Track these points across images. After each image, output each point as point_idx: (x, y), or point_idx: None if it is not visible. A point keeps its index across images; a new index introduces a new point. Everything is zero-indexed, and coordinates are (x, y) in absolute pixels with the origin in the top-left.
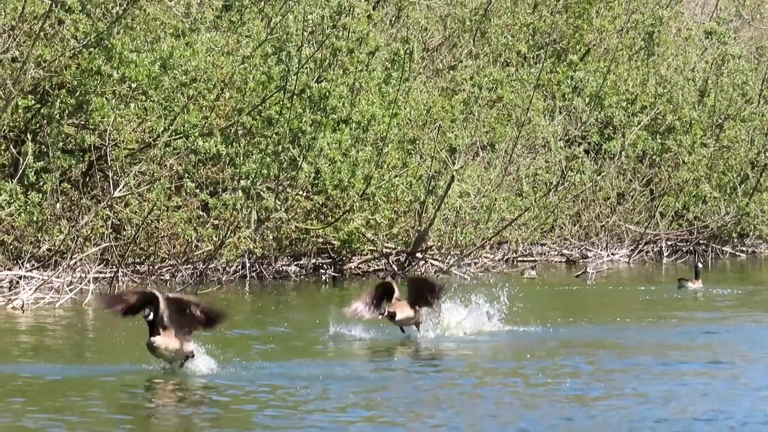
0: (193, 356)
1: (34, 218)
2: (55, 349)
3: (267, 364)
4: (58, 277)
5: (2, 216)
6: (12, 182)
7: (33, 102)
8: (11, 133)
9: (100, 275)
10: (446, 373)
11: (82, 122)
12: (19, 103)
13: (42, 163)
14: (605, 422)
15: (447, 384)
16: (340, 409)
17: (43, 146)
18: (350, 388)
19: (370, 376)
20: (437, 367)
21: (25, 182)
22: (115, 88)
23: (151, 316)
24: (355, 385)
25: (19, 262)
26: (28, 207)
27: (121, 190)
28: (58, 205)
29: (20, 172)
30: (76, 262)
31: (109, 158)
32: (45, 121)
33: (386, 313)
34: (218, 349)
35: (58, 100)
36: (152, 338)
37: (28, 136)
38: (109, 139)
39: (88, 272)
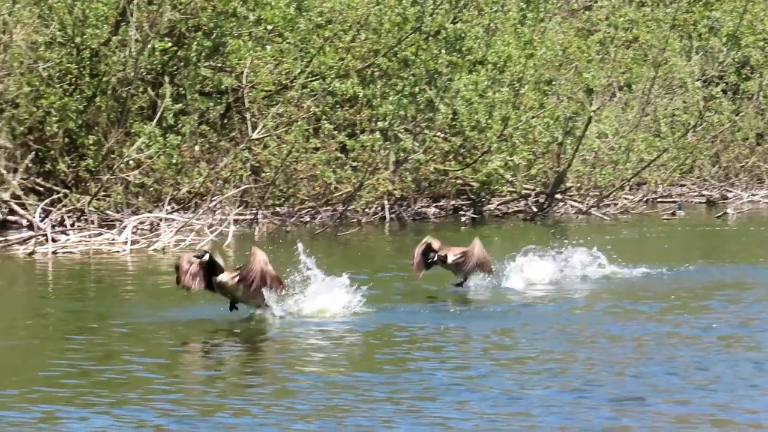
0: (266, 308)
1: (173, 161)
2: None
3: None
4: (198, 220)
5: (142, 158)
6: (151, 125)
7: (170, 44)
8: (149, 76)
9: (240, 217)
10: (590, 313)
11: (219, 64)
12: (156, 46)
13: (180, 105)
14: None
15: (593, 323)
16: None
17: (180, 89)
18: (503, 324)
19: (515, 315)
20: (580, 309)
21: (164, 125)
22: (251, 30)
23: (206, 257)
24: (510, 322)
25: (160, 204)
26: (167, 149)
27: (259, 132)
28: (196, 148)
29: (158, 114)
30: (215, 205)
31: (246, 100)
32: (182, 63)
33: (436, 258)
34: (365, 290)
35: (195, 43)
36: (217, 277)
37: (166, 78)
38: (246, 81)
39: (228, 214)
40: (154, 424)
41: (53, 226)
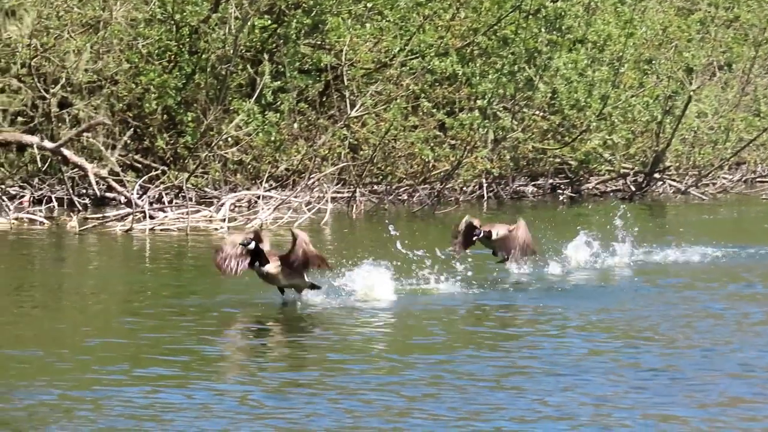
0: (316, 287)
1: (272, 138)
2: None
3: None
4: (296, 197)
5: (240, 136)
6: (250, 102)
7: (269, 22)
8: (248, 53)
9: (338, 195)
10: (690, 291)
11: (318, 42)
12: (256, 24)
13: (279, 82)
14: None
15: (692, 302)
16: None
17: (279, 66)
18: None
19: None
20: (678, 289)
21: (263, 102)
22: (350, 8)
23: (252, 245)
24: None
25: (258, 182)
26: (265, 126)
27: (357, 109)
28: (295, 125)
29: (257, 91)
30: (313, 182)
31: (345, 78)
32: (281, 41)
33: (482, 234)
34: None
35: (294, 20)
36: (262, 267)
37: (265, 56)
38: (345, 59)
39: (326, 192)
40: (256, 399)
41: (151, 203)
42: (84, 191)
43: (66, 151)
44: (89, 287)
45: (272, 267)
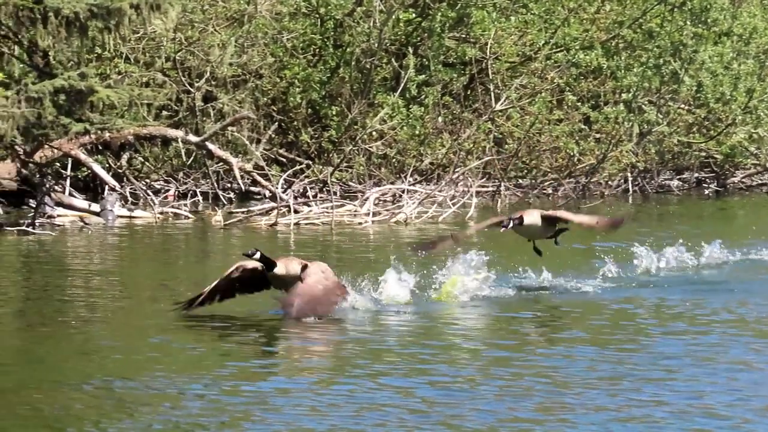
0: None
1: (416, 132)
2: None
3: None
4: (440, 191)
5: (385, 130)
6: (394, 95)
7: (414, 15)
8: (393, 47)
9: (483, 189)
10: None
11: (463, 35)
12: (401, 17)
13: (423, 76)
14: None
15: None
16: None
17: (424, 60)
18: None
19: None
20: None
21: (407, 96)
22: (495, 1)
23: (257, 255)
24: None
25: (402, 176)
26: (410, 120)
27: (502, 103)
28: (439, 119)
29: (402, 85)
30: (458, 176)
31: (489, 71)
32: (426, 34)
33: (512, 224)
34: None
35: (439, 14)
36: (270, 272)
37: (410, 49)
38: (489, 53)
39: (471, 186)
40: (420, 396)
41: (295, 198)
42: (228, 185)
43: (211, 146)
44: None
45: (282, 268)
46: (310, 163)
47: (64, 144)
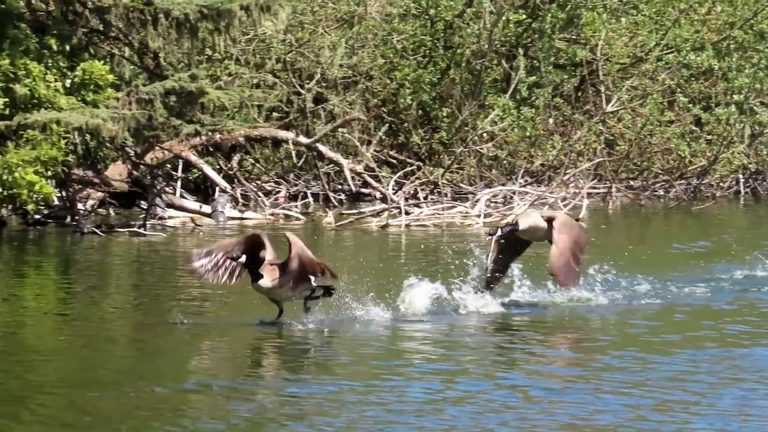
0: (319, 292)
1: (527, 133)
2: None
3: None
4: (551, 193)
5: (495, 131)
6: (504, 97)
7: (524, 16)
8: (503, 48)
9: (594, 191)
10: None
11: (573, 36)
12: (510, 18)
13: (534, 77)
14: None
15: None
16: None
17: (534, 61)
18: None
19: None
20: None
21: (517, 97)
22: (605, 2)
23: (243, 258)
24: None
25: (513, 177)
26: (520, 122)
27: (613, 104)
28: (550, 120)
29: (512, 86)
30: (569, 178)
31: (600, 73)
32: (536, 35)
33: (505, 230)
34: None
35: (549, 15)
36: (257, 282)
37: (520, 50)
38: (600, 54)
39: (582, 187)
40: (536, 394)
41: (406, 199)
42: (339, 187)
43: (321, 147)
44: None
45: (267, 281)
46: (421, 164)
47: (174, 145)
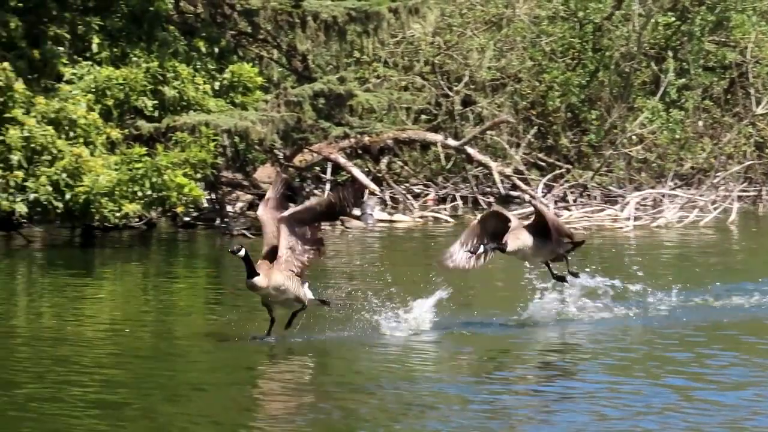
0: (305, 305)
1: (676, 136)
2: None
3: None
4: (701, 196)
5: (644, 134)
6: (654, 99)
7: (673, 19)
8: (652, 50)
9: (744, 194)
10: None
11: (723, 39)
12: (659, 20)
13: (683, 80)
14: None
15: None
16: None
17: (683, 63)
18: None
19: None
20: None
21: (667, 99)
22: (755, 5)
23: (242, 252)
24: None
25: (662, 180)
26: (670, 124)
27: (763, 107)
28: (700, 123)
29: (661, 89)
30: (719, 181)
31: (750, 75)
32: (685, 38)
33: (489, 248)
34: None
35: (698, 17)
36: (249, 280)
37: (669, 53)
38: (750, 56)
39: (732, 190)
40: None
41: (555, 202)
42: (488, 189)
43: (470, 150)
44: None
45: (261, 279)
46: (570, 167)
47: (323, 148)
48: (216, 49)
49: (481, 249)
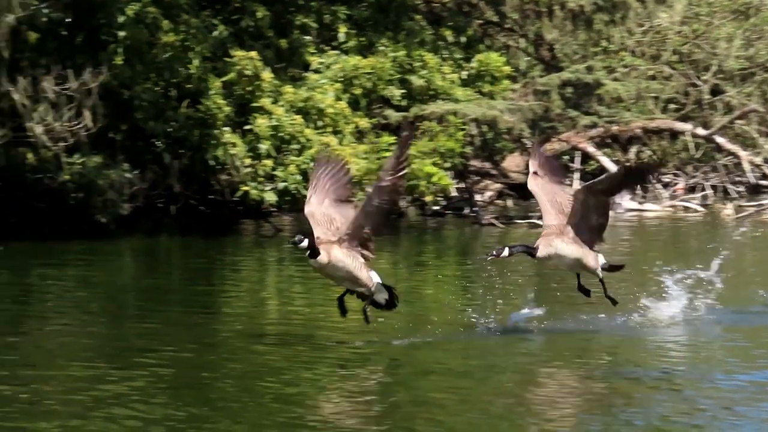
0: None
1: None
2: None
3: None
4: None
5: None
6: None
7: None
8: None
9: None
10: None
11: None
12: None
13: None
14: None
15: None
16: None
17: None
18: None
19: None
20: None
21: None
22: None
23: (305, 242)
24: None
25: None
26: None
27: None
28: None
29: None
30: None
31: None
32: None
33: (515, 250)
34: None
35: None
36: (312, 260)
37: None
38: None
39: None
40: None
41: None
42: (738, 179)
43: (719, 139)
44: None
45: (324, 257)
46: None
47: (572, 137)
48: (463, 39)
49: (506, 252)
